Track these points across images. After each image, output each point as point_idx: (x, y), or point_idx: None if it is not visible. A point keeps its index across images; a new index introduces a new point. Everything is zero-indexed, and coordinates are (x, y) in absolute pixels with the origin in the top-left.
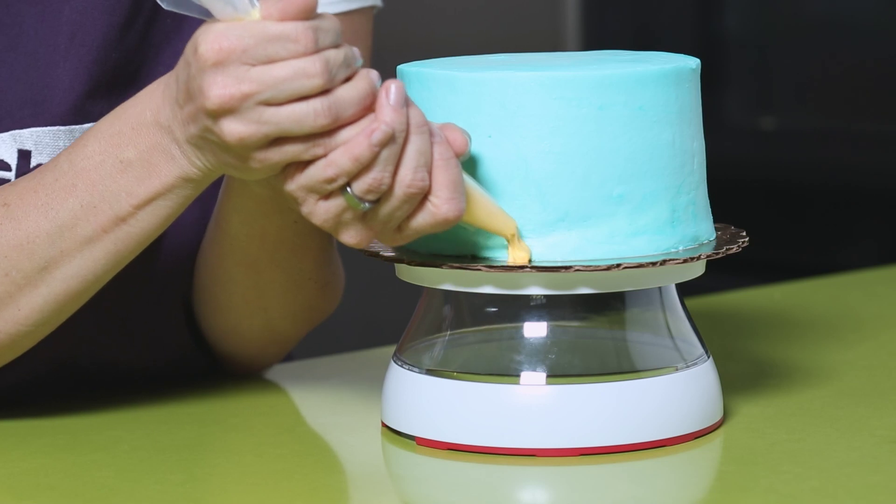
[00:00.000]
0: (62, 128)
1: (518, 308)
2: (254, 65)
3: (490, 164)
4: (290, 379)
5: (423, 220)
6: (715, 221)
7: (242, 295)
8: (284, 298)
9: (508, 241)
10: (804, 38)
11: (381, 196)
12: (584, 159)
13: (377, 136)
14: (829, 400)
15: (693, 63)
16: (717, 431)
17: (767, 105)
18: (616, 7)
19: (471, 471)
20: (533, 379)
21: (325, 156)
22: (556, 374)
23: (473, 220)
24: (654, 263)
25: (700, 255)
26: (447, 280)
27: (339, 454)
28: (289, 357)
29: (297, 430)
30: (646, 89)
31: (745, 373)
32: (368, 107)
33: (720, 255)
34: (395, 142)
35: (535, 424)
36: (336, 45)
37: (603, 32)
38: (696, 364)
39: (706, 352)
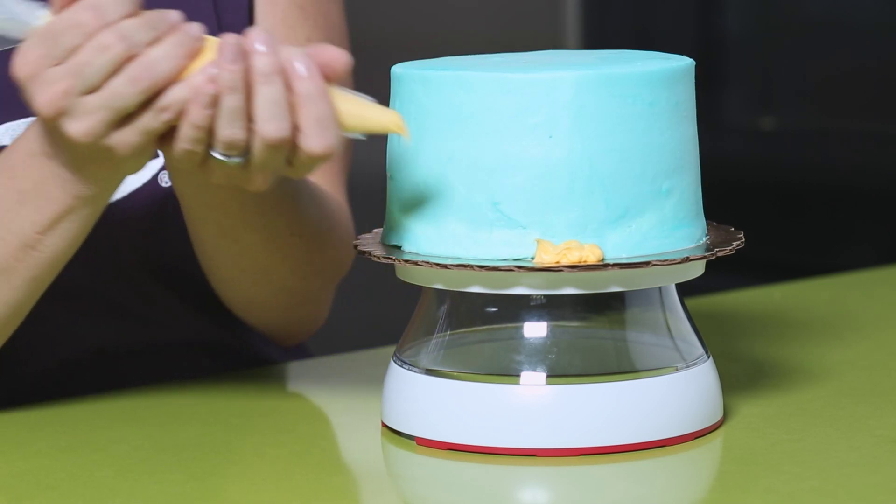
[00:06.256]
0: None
1: (518, 308)
2: (59, 63)
3: (553, 163)
4: (289, 379)
5: (301, 158)
6: (715, 221)
7: (235, 264)
8: (276, 257)
9: (398, 131)
10: (804, 38)
11: (248, 149)
12: (640, 155)
13: (202, 98)
14: (829, 400)
15: (692, 61)
16: (717, 431)
17: (767, 105)
18: (616, 7)
19: (471, 471)
20: (533, 379)
21: (176, 118)
22: (556, 374)
23: (354, 128)
24: (646, 263)
25: (715, 252)
26: (447, 280)
27: (339, 454)
28: (306, 354)
29: (297, 430)
30: (678, 85)
31: (745, 373)
32: (192, 55)
33: (731, 252)
34: (230, 97)
35: (535, 424)
36: (130, 14)
37: (603, 32)
38: (696, 364)
39: (706, 352)
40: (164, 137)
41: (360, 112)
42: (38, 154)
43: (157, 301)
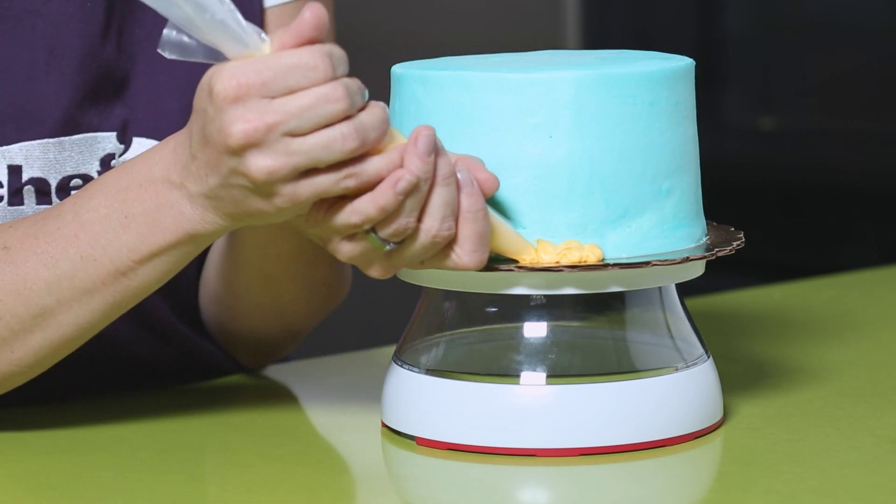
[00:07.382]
0: (51, 140)
1: (518, 308)
2: (274, 97)
3: (553, 163)
4: (290, 379)
5: (444, 263)
6: (715, 221)
7: (259, 304)
8: (300, 304)
9: (526, 263)
10: (804, 38)
11: (406, 238)
12: (640, 155)
13: (402, 185)
14: (829, 400)
15: (692, 61)
16: (717, 431)
17: (767, 105)
18: (616, 7)
19: (471, 471)
20: (533, 379)
21: (356, 188)
22: (556, 374)
23: (494, 249)
24: (646, 263)
25: (715, 252)
26: (447, 280)
27: (339, 454)
28: (285, 358)
29: (297, 431)
30: (678, 85)
31: (745, 373)
32: (386, 132)
33: (731, 252)
34: (419, 190)
35: (535, 424)
36: (347, 74)
37: (603, 32)
38: (696, 364)
39: (706, 352)
40: (323, 202)
41: (508, 236)
42: (159, 181)
43: (154, 318)
